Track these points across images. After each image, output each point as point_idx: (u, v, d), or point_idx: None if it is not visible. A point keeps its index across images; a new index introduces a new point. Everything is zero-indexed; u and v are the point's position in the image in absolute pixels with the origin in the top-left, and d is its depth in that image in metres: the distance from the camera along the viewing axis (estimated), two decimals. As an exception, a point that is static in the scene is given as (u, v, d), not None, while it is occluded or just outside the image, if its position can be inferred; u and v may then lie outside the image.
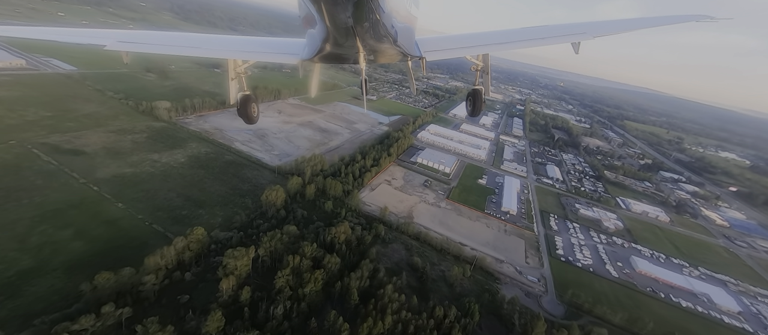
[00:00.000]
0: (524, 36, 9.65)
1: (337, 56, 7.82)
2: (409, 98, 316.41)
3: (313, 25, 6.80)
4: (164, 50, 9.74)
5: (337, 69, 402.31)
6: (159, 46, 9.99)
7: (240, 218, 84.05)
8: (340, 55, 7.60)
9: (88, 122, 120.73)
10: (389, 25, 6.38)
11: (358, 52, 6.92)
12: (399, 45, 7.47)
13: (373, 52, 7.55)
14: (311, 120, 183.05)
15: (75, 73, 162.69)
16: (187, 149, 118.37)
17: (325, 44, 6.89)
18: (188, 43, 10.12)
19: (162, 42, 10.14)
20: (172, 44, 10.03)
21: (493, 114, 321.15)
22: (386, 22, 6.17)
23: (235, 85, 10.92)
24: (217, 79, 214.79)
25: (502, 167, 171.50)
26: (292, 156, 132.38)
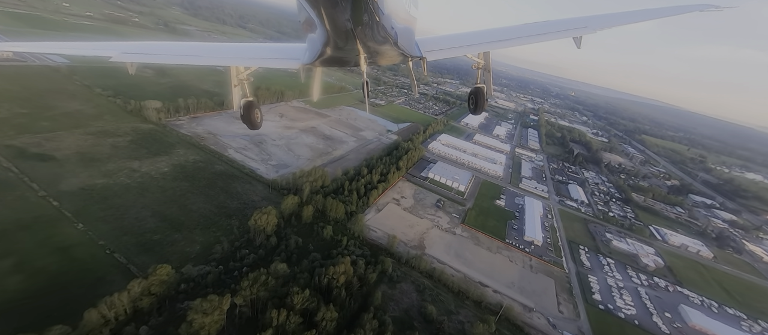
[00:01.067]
0: (525, 32, 9.37)
1: (338, 60, 7.59)
2: (418, 103, 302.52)
3: (313, 30, 6.70)
4: (168, 60, 9.75)
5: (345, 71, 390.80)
6: (163, 56, 9.96)
7: (221, 247, 70.41)
8: (341, 58, 7.36)
9: (66, 121, 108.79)
10: (389, 26, 6.31)
11: (358, 55, 6.78)
12: (399, 46, 7.33)
13: (374, 54, 7.35)
14: (314, 126, 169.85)
15: (64, 67, 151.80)
16: (173, 156, 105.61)
17: (326, 48, 6.76)
18: (191, 52, 10.07)
19: (165, 52, 10.17)
20: (175, 54, 10.08)
21: (507, 124, 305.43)
22: (386, 23, 6.11)
23: (238, 91, 10.76)
24: (218, 78, 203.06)
25: (521, 186, 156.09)
26: (291, 167, 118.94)
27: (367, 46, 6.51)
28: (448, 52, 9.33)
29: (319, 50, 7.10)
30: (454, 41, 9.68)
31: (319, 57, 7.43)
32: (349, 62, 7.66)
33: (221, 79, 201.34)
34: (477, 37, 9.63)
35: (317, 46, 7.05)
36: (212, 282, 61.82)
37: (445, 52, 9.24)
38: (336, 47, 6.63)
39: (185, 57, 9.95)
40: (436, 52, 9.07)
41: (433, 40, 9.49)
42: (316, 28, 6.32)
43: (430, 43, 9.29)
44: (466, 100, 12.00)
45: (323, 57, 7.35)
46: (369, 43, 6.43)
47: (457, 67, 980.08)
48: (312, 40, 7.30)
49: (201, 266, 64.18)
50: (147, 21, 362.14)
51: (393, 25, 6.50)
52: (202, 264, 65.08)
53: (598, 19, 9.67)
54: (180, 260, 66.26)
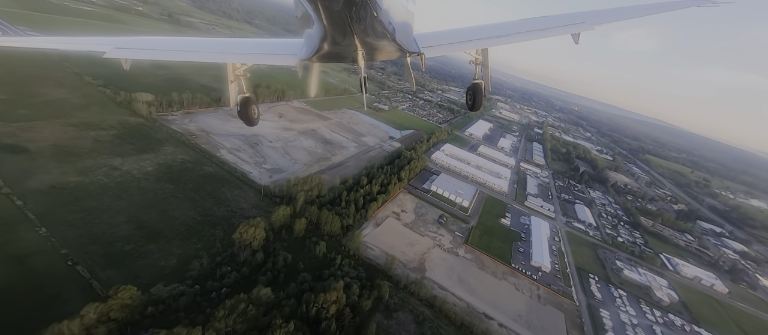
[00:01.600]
0: (523, 28, 9.26)
1: (335, 55, 7.49)
2: (422, 110, 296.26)
3: (310, 25, 6.64)
4: (163, 56, 9.46)
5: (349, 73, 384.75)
6: (158, 51, 9.75)
7: (200, 262, 62.90)
8: (339, 53, 7.32)
9: (48, 110, 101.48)
10: (387, 21, 6.26)
11: (356, 51, 6.76)
12: (397, 41, 7.26)
13: (372, 50, 7.24)
14: (315, 128, 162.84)
15: (55, 52, 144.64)
16: (160, 154, 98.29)
17: (323, 43, 6.69)
18: (187, 48, 9.92)
19: (160, 47, 10.05)
20: (170, 49, 9.90)
21: (511, 136, 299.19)
22: (383, 19, 6.06)
23: (234, 87, 10.64)
24: (216, 73, 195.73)
25: (526, 204, 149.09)
26: (286, 173, 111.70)
27: (364, 42, 6.45)
28: (447, 48, 9.00)
29: (316, 46, 7.01)
30: (452, 37, 9.38)
31: (316, 52, 7.32)
32: (347, 58, 7.55)
33: (220, 74, 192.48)
34: (475, 32, 9.44)
35: (314, 42, 6.96)
36: (185, 305, 54.33)
37: (443, 48, 8.96)
38: (333, 43, 6.56)
39: (181, 53, 9.65)
40: (435, 48, 8.82)
41: (431, 36, 9.26)
42: (313, 23, 6.25)
43: (428, 38, 9.07)
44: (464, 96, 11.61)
45: (320, 52, 7.24)
46: (367, 39, 6.36)
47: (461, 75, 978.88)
48: (309, 35, 7.27)
49: (174, 285, 56.66)
50: (151, 10, 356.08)
51: (391, 21, 6.42)
52: (176, 283, 57.55)
53: (596, 15, 9.56)
54: (152, 276, 58.80)
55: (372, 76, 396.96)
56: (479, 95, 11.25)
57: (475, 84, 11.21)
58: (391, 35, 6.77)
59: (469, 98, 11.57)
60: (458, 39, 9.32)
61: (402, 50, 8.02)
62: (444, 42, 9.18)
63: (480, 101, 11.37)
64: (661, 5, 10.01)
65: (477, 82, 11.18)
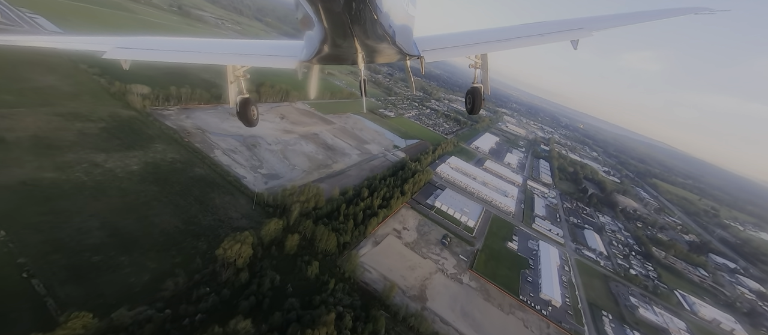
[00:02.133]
0: (522, 33, 9.33)
1: (335, 57, 7.43)
2: (429, 119, 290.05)
3: (310, 27, 6.65)
4: (163, 57, 9.43)
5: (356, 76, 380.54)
6: (158, 52, 9.69)
7: (176, 282, 55.75)
8: (339, 55, 7.24)
9: (34, 98, 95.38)
10: (387, 24, 6.26)
11: (356, 53, 6.76)
12: (397, 44, 7.21)
13: (372, 52, 7.20)
14: (317, 133, 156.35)
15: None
16: (148, 151, 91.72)
17: (323, 45, 6.69)
18: (187, 48, 9.91)
19: (161, 48, 9.97)
20: (170, 50, 9.86)
21: (518, 152, 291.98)
22: (384, 21, 6.07)
23: (234, 88, 10.61)
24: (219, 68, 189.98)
25: (534, 226, 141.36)
26: (283, 179, 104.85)
27: (364, 44, 6.47)
28: (446, 52, 8.92)
29: (316, 47, 6.97)
30: (452, 40, 9.32)
31: (316, 54, 7.27)
32: (347, 60, 7.41)
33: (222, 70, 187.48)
34: (475, 36, 9.38)
35: (315, 44, 6.91)
36: (151, 334, 47.06)
37: (443, 52, 8.87)
38: (333, 45, 6.57)
39: (181, 54, 9.58)
40: (434, 52, 8.74)
41: (431, 39, 9.22)
42: (314, 25, 6.25)
43: (428, 41, 9.07)
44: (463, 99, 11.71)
45: (321, 54, 7.20)
46: (367, 41, 6.39)
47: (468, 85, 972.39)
48: (309, 37, 7.19)
49: (142, 308, 49.43)
50: (161, 2, 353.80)
51: (391, 24, 6.43)
52: (145, 306, 50.34)
53: (594, 21, 9.59)
54: (118, 294, 51.67)
55: (379, 82, 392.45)
56: (478, 99, 11.18)
57: (474, 88, 11.14)
58: (391, 38, 6.77)
59: (468, 102, 11.49)
60: (458, 43, 9.20)
61: (402, 53, 7.94)
62: (444, 46, 9.09)
63: (479, 105, 11.23)
64: (658, 12, 10.08)
65: (476, 85, 11.12)
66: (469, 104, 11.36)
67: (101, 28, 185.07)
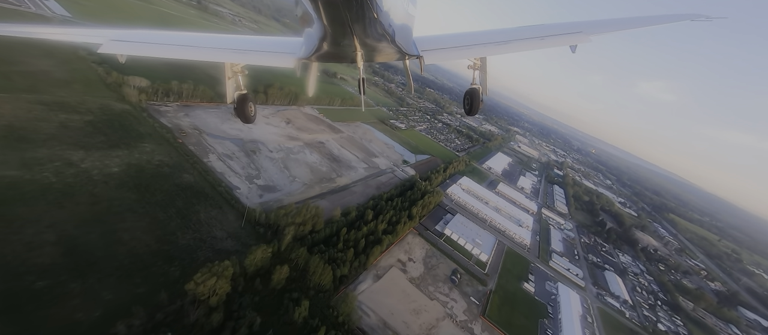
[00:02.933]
0: (522, 35, 9.24)
1: (334, 55, 7.42)
2: (440, 134, 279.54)
3: (310, 24, 6.61)
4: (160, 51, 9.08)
5: (369, 83, 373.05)
6: (155, 46, 9.35)
7: (128, 326, 45.39)
8: (338, 53, 7.24)
9: (20, 83, 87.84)
10: (387, 23, 6.24)
11: (355, 51, 6.70)
12: (397, 44, 7.22)
13: (371, 51, 7.16)
14: (323, 141, 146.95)
15: (58, 18, 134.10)
16: (134, 151, 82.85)
17: (323, 43, 6.67)
18: (185, 43, 9.42)
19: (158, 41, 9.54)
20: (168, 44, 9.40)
21: (532, 175, 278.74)
22: (384, 20, 6.05)
23: (231, 84, 10.57)
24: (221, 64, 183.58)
25: (551, 264, 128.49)
26: (280, 193, 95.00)
27: (364, 43, 6.43)
28: (446, 54, 8.88)
29: (315, 45, 6.94)
30: (452, 41, 9.25)
31: (315, 52, 7.26)
32: (346, 58, 7.39)
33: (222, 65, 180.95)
34: (475, 38, 9.26)
35: (314, 41, 6.91)
36: (84, 400, 36.61)
37: (442, 53, 8.84)
38: (333, 43, 6.56)
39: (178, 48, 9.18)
40: (434, 53, 8.74)
41: (431, 39, 9.16)
42: (313, 22, 6.22)
43: (427, 42, 9.02)
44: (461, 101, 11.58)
45: (320, 52, 7.18)
46: (366, 40, 6.35)
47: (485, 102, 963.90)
48: (308, 34, 7.19)
49: (80, 360, 39.13)
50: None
51: (391, 23, 6.39)
52: (85, 355, 40.04)
53: (592, 25, 9.57)
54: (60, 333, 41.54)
55: (391, 91, 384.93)
56: (476, 100, 10.97)
57: (472, 89, 10.98)
58: (390, 37, 6.74)
59: (466, 103, 11.26)
60: (457, 44, 9.12)
61: (401, 52, 7.90)
62: (443, 47, 9.02)
63: (477, 106, 11.03)
64: (655, 18, 10.07)
65: (474, 87, 10.94)
66: (467, 105, 11.21)
67: (114, 15, 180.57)
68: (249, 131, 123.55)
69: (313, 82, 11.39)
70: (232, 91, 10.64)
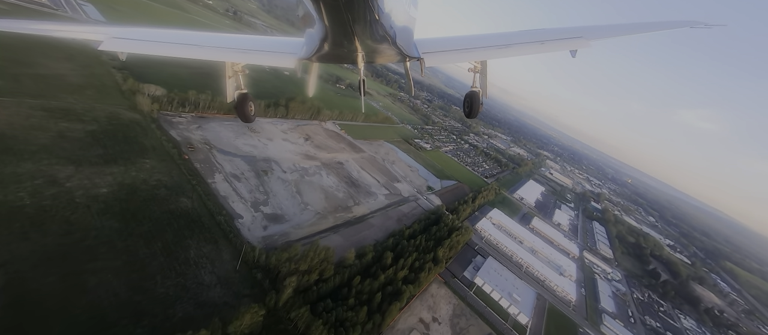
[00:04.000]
0: (523, 39, 9.24)
1: (335, 56, 7.58)
2: (467, 156, 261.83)
3: (311, 25, 6.69)
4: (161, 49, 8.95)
5: (394, 99, 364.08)
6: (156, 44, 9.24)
7: None
8: (339, 54, 7.35)
9: (28, 86, 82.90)
10: (388, 25, 6.28)
11: (356, 52, 6.75)
12: (398, 45, 7.28)
13: (372, 52, 7.26)
14: (342, 161, 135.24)
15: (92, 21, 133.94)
16: (133, 168, 74.09)
17: (324, 44, 6.73)
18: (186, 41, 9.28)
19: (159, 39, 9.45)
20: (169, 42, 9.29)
21: (568, 209, 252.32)
22: (385, 22, 6.09)
23: (232, 83, 10.56)
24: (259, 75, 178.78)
25: (603, 330, 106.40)
26: (289, 224, 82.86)
27: (365, 44, 6.45)
28: (447, 56, 8.90)
29: (316, 46, 6.95)
30: (452, 44, 9.30)
31: (316, 52, 7.29)
32: (347, 59, 7.45)
33: (273, 81, 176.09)
34: (476, 41, 9.31)
35: (315, 42, 6.93)
36: None
37: (443, 56, 8.87)
38: (334, 43, 6.56)
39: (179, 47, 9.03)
40: (434, 55, 8.77)
41: (431, 42, 9.19)
42: (315, 23, 6.23)
43: (428, 44, 9.04)
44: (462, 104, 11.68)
45: (321, 52, 7.22)
46: (367, 41, 6.37)
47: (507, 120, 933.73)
48: (310, 35, 7.23)
49: None
50: (218, 5, 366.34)
51: (392, 24, 6.42)
52: None
53: (593, 30, 9.59)
54: None
55: (417, 108, 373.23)
56: (476, 103, 10.93)
57: (472, 92, 10.92)
58: (391, 39, 6.75)
59: (466, 106, 11.19)
60: (458, 47, 9.18)
61: (402, 54, 7.91)
62: (444, 49, 9.07)
63: (477, 109, 11.01)
64: (655, 24, 10.14)
65: (474, 90, 10.89)
66: (467, 108, 11.17)
67: (148, 21, 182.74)
68: (264, 147, 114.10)
69: (314, 82, 11.25)
70: (233, 90, 10.54)
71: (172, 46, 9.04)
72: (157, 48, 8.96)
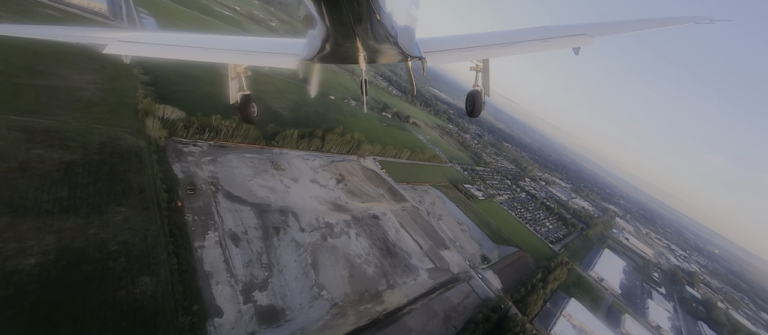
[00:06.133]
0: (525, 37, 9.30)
1: (337, 56, 7.58)
2: (526, 210, 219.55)
3: (313, 25, 6.75)
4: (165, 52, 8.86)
5: (442, 132, 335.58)
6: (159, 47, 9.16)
7: None
8: (340, 55, 7.36)
9: (25, 99, 70.21)
10: (389, 25, 6.32)
11: (357, 52, 6.77)
12: (399, 45, 7.29)
13: (374, 53, 7.30)
14: (378, 215, 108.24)
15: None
16: (96, 220, 54.44)
17: (325, 44, 6.76)
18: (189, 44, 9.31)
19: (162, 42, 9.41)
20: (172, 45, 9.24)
21: (661, 298, 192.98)
22: (386, 22, 6.14)
23: (234, 84, 10.46)
24: (314, 104, 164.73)
25: None
26: (290, 326, 56.23)
27: (366, 44, 6.50)
28: (449, 55, 8.90)
29: (318, 46, 7.01)
30: (454, 43, 9.33)
31: (318, 53, 7.36)
32: (349, 59, 7.45)
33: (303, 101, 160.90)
34: (478, 39, 9.29)
35: (316, 42, 6.96)
36: None
37: (445, 55, 8.84)
38: (335, 44, 6.66)
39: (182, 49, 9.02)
40: (436, 54, 8.75)
41: (433, 41, 9.22)
42: (316, 24, 6.31)
43: (430, 43, 9.00)
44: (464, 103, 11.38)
45: (322, 53, 7.28)
46: (369, 41, 6.43)
47: (562, 162, 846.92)
48: (311, 35, 7.26)
49: None
50: (280, 27, 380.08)
51: (393, 24, 6.46)
52: None
53: (596, 27, 9.44)
54: None
55: (467, 144, 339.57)
56: (478, 102, 10.73)
57: (474, 91, 10.75)
58: (393, 39, 6.79)
59: (468, 105, 10.98)
60: (460, 46, 9.18)
61: (403, 54, 7.93)
62: (445, 48, 9.08)
63: (479, 108, 10.81)
64: (659, 20, 10.00)
65: (476, 89, 10.72)
66: (470, 107, 11.03)
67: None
68: (284, 191, 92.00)
69: (316, 83, 11.60)
70: (235, 92, 10.48)
71: (175, 48, 8.96)
72: (160, 51, 8.84)
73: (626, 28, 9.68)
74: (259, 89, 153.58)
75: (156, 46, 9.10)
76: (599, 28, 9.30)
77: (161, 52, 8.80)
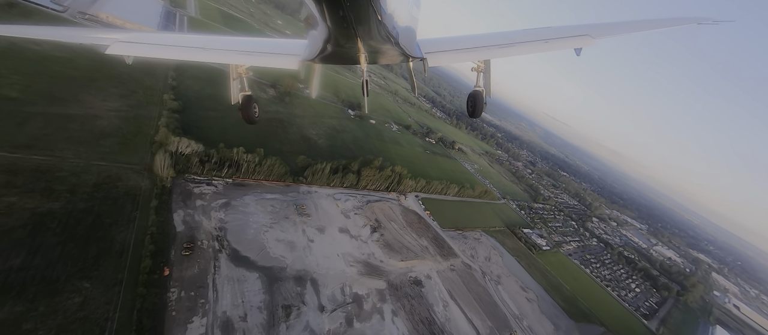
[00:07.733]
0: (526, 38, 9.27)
1: (338, 57, 7.62)
2: (602, 266, 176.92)
3: (314, 26, 6.77)
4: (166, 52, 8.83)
5: (492, 159, 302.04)
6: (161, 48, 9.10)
7: None
8: (342, 55, 7.43)
9: (28, 130, 61.64)
10: (390, 26, 6.35)
11: (359, 53, 6.87)
12: (401, 46, 7.36)
13: (375, 53, 7.42)
14: (421, 280, 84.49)
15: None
16: (38, 307, 39.86)
17: (327, 45, 6.79)
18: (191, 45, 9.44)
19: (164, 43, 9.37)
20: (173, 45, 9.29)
21: None
22: (388, 23, 6.15)
23: (236, 85, 10.50)
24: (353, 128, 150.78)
25: None
26: None
27: (368, 45, 6.52)
28: (450, 56, 8.93)
29: (319, 47, 7.03)
30: (456, 44, 9.31)
31: (319, 54, 7.38)
32: (350, 60, 7.58)
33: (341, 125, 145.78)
34: (479, 40, 9.29)
35: (318, 43, 6.99)
36: None
37: (446, 56, 8.87)
38: (337, 44, 6.66)
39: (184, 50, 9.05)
40: (437, 55, 8.77)
41: (434, 42, 9.21)
42: (318, 24, 6.33)
43: (431, 44, 9.04)
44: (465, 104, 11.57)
45: (324, 54, 7.31)
46: (370, 42, 6.45)
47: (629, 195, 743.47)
48: (313, 36, 7.29)
49: None
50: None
51: (395, 25, 6.47)
52: None
53: (598, 28, 9.50)
54: None
55: (519, 174, 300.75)
56: (479, 103, 10.97)
57: (475, 92, 10.99)
58: (394, 39, 6.82)
59: (469, 105, 11.23)
60: (461, 47, 9.20)
61: (404, 55, 8.00)
62: (446, 49, 9.08)
63: (480, 109, 11.04)
64: (662, 21, 10.09)
65: (478, 89, 10.95)
66: (471, 107, 11.23)
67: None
68: (306, 246, 73.54)
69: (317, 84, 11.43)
70: (237, 92, 10.49)
71: (177, 49, 8.99)
72: (162, 51, 8.80)
73: (628, 28, 9.70)
74: (295, 113, 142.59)
75: (158, 46, 8.94)
76: (601, 29, 9.27)
77: (163, 52, 8.70)
